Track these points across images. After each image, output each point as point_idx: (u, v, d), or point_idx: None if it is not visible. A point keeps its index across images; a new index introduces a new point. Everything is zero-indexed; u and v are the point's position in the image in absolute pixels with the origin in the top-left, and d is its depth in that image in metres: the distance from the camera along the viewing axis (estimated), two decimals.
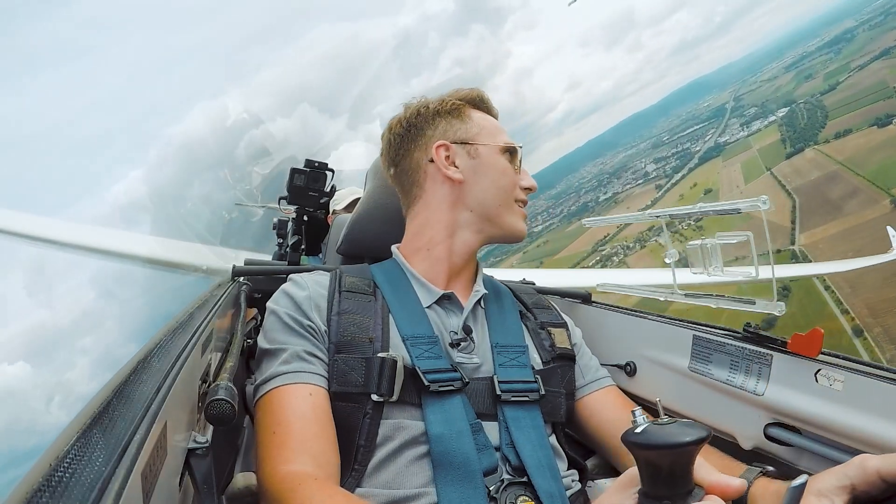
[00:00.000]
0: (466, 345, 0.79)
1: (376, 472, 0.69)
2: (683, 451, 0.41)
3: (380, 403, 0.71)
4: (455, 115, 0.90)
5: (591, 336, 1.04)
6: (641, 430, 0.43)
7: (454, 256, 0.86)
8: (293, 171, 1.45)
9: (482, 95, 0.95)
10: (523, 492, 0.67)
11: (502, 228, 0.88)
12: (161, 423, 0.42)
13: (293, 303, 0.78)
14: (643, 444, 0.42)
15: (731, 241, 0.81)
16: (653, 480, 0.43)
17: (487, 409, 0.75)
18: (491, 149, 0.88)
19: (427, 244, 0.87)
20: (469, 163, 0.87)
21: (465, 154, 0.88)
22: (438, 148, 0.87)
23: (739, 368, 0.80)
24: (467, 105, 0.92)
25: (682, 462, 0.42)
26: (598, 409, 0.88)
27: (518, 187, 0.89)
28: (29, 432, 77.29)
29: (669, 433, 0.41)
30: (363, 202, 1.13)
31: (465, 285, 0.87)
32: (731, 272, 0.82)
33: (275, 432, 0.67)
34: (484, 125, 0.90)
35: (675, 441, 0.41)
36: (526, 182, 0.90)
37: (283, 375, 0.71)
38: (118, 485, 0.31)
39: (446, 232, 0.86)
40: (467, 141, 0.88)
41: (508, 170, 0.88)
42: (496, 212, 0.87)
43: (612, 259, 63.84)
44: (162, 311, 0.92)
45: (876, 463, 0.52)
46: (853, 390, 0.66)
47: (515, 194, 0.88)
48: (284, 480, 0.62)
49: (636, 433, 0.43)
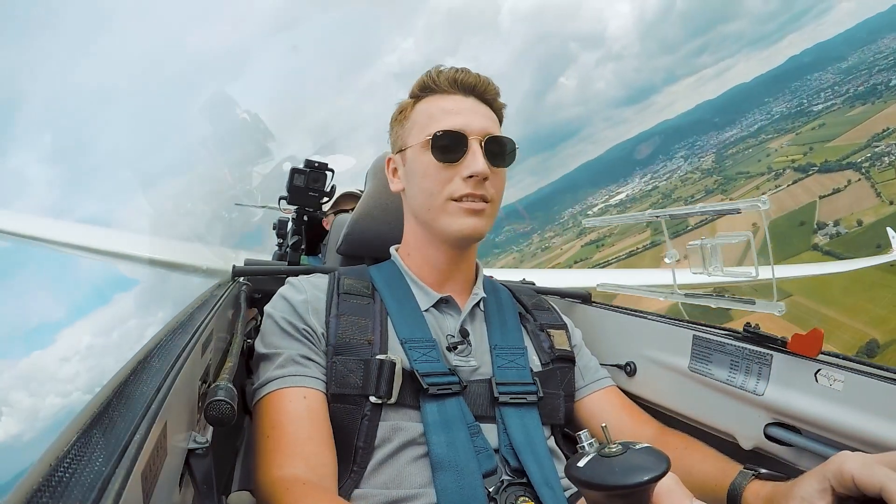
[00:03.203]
0: (463, 348, 0.79)
1: (375, 473, 0.69)
2: (634, 492, 0.33)
3: (378, 405, 0.71)
4: (398, 121, 0.86)
5: (590, 336, 1.04)
6: (585, 464, 0.35)
7: (439, 262, 0.84)
8: (293, 171, 1.45)
9: (428, 78, 0.84)
10: (523, 492, 0.67)
11: (444, 232, 0.80)
12: (161, 423, 0.42)
13: (290, 307, 0.78)
14: (585, 481, 0.35)
15: (732, 241, 0.81)
16: None
17: (486, 411, 0.75)
18: (415, 149, 0.81)
19: (412, 249, 0.87)
20: (403, 171, 0.85)
21: (402, 162, 0.85)
22: (388, 162, 0.88)
23: (739, 368, 0.80)
24: (414, 101, 0.85)
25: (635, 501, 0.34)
26: (598, 410, 0.88)
27: (453, 182, 0.78)
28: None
29: (619, 468, 0.34)
30: (363, 202, 1.13)
31: (463, 287, 0.87)
32: (731, 272, 0.82)
33: (269, 436, 0.67)
34: (417, 120, 0.82)
35: (622, 482, 0.33)
36: (466, 170, 0.77)
37: (277, 380, 0.71)
38: (118, 485, 0.31)
39: (420, 240, 0.85)
40: (402, 147, 0.85)
41: (431, 168, 0.78)
42: (429, 217, 0.80)
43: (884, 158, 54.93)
44: (161, 312, 0.92)
45: (852, 467, 0.50)
46: (853, 390, 0.66)
47: (447, 192, 0.78)
48: (275, 485, 0.62)
49: (578, 467, 0.35)
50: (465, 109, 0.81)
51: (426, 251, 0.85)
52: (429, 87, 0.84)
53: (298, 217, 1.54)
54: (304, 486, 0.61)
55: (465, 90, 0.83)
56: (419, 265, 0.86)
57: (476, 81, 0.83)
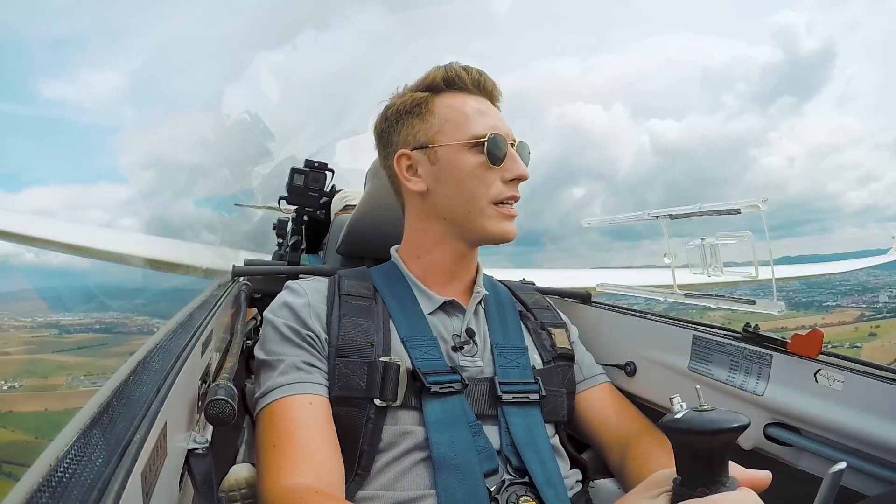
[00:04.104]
0: (470, 348, 0.79)
1: (379, 476, 0.68)
2: (724, 438, 0.41)
3: (382, 408, 0.70)
4: (415, 114, 0.81)
5: (590, 336, 1.04)
6: (682, 416, 0.43)
7: (447, 263, 0.83)
8: (293, 171, 1.45)
9: (451, 73, 0.81)
10: (525, 492, 0.67)
11: (482, 235, 0.79)
12: (161, 423, 0.42)
13: (291, 312, 0.76)
14: (685, 429, 0.42)
15: (732, 241, 0.81)
16: (691, 468, 0.43)
17: (488, 410, 0.75)
18: (452, 148, 0.78)
19: (418, 252, 0.84)
20: (430, 169, 0.79)
21: (426, 159, 0.79)
22: (399, 158, 0.81)
23: (739, 368, 0.80)
24: (432, 95, 0.81)
25: (722, 449, 0.42)
26: (592, 406, 0.89)
27: (495, 186, 0.77)
28: None
29: (711, 419, 0.41)
30: (363, 202, 1.13)
31: (465, 287, 0.86)
32: (731, 272, 0.82)
33: (275, 445, 0.66)
34: (449, 117, 0.79)
35: (717, 427, 0.40)
36: (510, 173, 0.77)
37: (282, 387, 0.70)
38: (118, 485, 0.31)
39: (432, 241, 0.83)
40: (427, 144, 0.79)
41: (476, 170, 0.77)
42: (468, 219, 0.78)
43: None
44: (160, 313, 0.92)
45: None
46: (853, 390, 0.67)
47: (491, 196, 0.77)
48: (286, 494, 0.61)
49: (677, 418, 0.43)
50: (492, 112, 0.82)
51: (439, 250, 0.83)
52: (453, 84, 0.81)
53: (298, 217, 1.54)
54: (317, 494, 0.60)
55: (485, 92, 0.83)
56: (424, 268, 0.84)
57: (493, 86, 0.83)
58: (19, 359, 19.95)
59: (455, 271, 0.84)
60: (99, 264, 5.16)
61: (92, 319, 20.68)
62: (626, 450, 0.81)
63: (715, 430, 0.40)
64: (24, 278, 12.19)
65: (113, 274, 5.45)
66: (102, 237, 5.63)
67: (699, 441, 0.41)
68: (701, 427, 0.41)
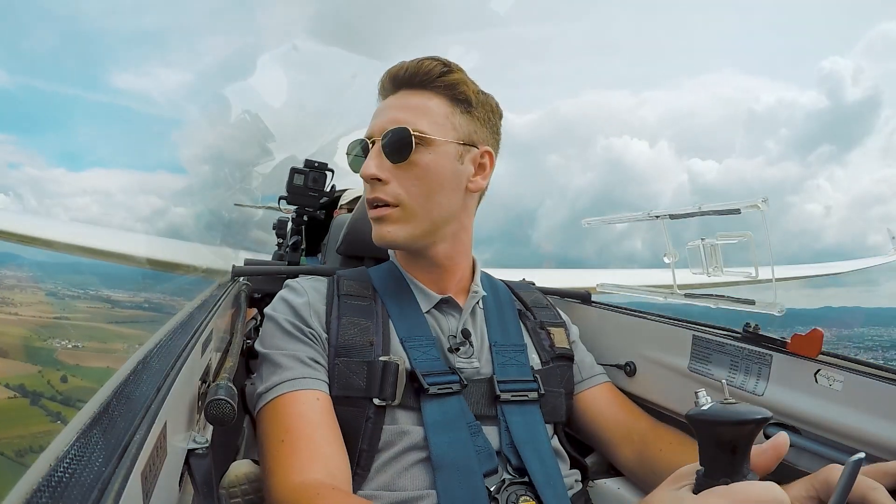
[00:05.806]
0: (466, 349, 0.79)
1: (378, 475, 0.68)
2: (749, 428, 0.42)
3: (381, 407, 0.70)
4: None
5: (590, 336, 1.04)
6: (709, 408, 0.44)
7: (429, 264, 0.83)
8: (293, 171, 1.45)
9: (382, 78, 0.81)
10: (524, 492, 0.67)
11: None
12: (161, 423, 0.42)
13: (292, 309, 0.77)
14: (711, 420, 0.43)
15: (732, 241, 0.81)
16: (715, 459, 0.44)
17: (487, 409, 0.75)
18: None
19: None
20: None
21: None
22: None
23: (739, 368, 0.80)
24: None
25: (746, 440, 0.43)
26: (593, 406, 0.89)
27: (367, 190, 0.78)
28: None
29: (737, 411, 0.43)
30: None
31: (462, 286, 0.86)
32: (731, 272, 0.82)
33: (283, 441, 0.65)
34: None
35: (743, 418, 0.42)
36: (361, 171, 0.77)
37: (288, 382, 0.69)
38: (118, 485, 0.31)
39: None
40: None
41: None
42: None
43: None
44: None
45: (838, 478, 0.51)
46: (853, 390, 0.66)
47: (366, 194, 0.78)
48: (298, 491, 0.60)
49: (704, 410, 0.44)
50: (380, 111, 0.79)
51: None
52: (380, 92, 0.82)
53: (298, 217, 1.54)
54: (333, 490, 0.60)
55: (396, 85, 0.79)
56: (420, 266, 0.84)
57: (399, 69, 0.78)
58: (79, 325, 21.79)
59: (442, 270, 0.83)
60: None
61: (141, 298, 21.61)
62: (645, 447, 0.81)
63: (741, 420, 0.42)
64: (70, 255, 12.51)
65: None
66: (102, 237, 5.63)
67: (726, 431, 0.43)
68: (728, 418, 0.42)
